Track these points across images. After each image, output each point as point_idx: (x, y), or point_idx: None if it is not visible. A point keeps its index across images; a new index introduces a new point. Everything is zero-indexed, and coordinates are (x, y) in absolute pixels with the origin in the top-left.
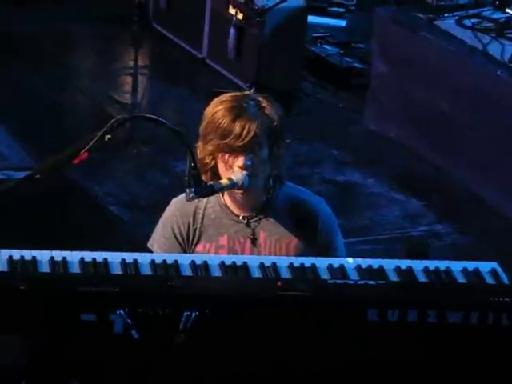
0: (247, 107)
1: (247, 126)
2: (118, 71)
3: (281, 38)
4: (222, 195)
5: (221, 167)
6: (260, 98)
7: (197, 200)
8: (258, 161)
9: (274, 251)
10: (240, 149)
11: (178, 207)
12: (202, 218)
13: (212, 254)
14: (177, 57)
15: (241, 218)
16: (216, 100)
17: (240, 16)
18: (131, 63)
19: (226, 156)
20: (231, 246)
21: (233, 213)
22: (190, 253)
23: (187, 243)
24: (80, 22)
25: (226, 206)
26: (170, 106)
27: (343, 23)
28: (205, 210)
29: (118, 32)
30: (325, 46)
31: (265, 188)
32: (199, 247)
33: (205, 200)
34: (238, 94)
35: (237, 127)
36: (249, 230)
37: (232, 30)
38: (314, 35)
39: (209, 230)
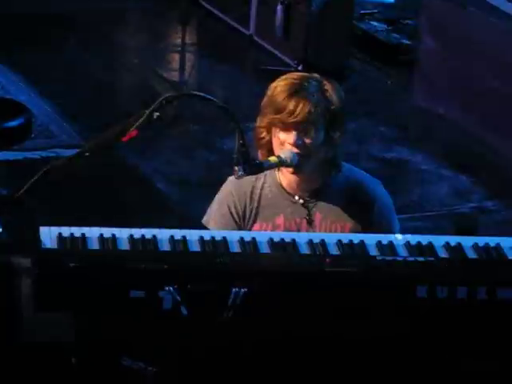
0: (307, 86)
1: (301, 104)
2: (166, 49)
3: (328, 14)
4: (278, 175)
5: (274, 142)
6: (324, 81)
7: (254, 179)
8: (311, 141)
9: (329, 232)
10: (292, 125)
11: (234, 186)
12: (259, 198)
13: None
14: (224, 34)
15: (297, 198)
16: (282, 76)
17: None
18: (179, 41)
19: (279, 131)
20: (287, 226)
21: (289, 193)
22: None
23: (243, 222)
24: (128, 1)
25: (282, 186)
26: (217, 84)
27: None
28: (262, 189)
29: (166, 10)
30: (373, 23)
31: (320, 171)
32: (256, 227)
33: (262, 179)
34: (305, 73)
35: (291, 103)
36: (305, 211)
37: (279, 7)
38: (362, 12)
39: (265, 210)
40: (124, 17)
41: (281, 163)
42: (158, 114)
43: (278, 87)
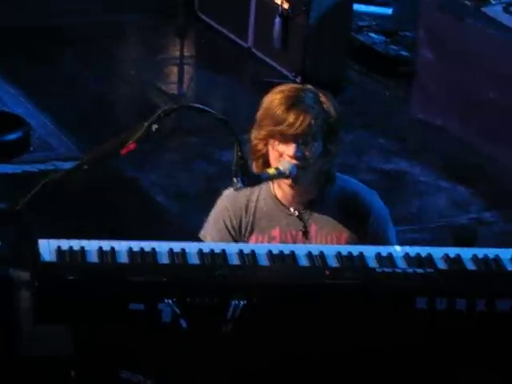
0: (305, 98)
1: (302, 116)
2: (164, 62)
3: (326, 26)
4: (273, 188)
5: (272, 155)
6: (320, 93)
7: (248, 192)
8: (310, 153)
9: (325, 244)
10: (292, 137)
11: (229, 201)
12: (255, 211)
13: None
14: (222, 46)
15: (292, 210)
16: (276, 89)
17: (286, 5)
18: (177, 53)
19: (278, 143)
20: (283, 238)
21: (284, 205)
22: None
23: (239, 235)
24: (126, 13)
25: (277, 198)
26: (215, 96)
27: (389, 11)
28: (257, 202)
29: (164, 22)
30: (371, 35)
31: (315, 183)
32: (252, 239)
33: (256, 192)
34: (298, 85)
35: (291, 115)
36: (300, 223)
37: (278, 20)
38: (360, 24)
39: (261, 223)
40: (122, 30)
41: (279, 175)
42: (156, 126)
43: (276, 100)
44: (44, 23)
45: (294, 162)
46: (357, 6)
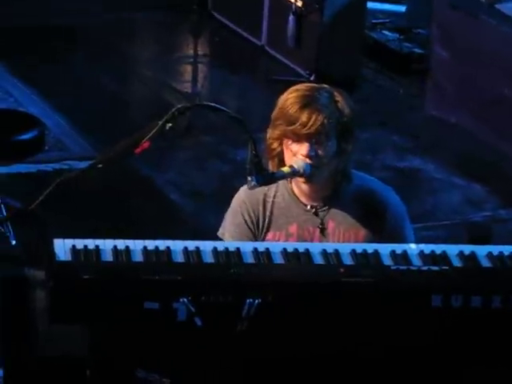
0: (319, 97)
1: (314, 115)
2: (178, 60)
3: (340, 24)
4: (290, 184)
5: (286, 154)
6: (335, 92)
7: (266, 188)
8: (324, 152)
9: (342, 241)
10: (305, 137)
11: (247, 195)
12: (272, 207)
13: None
14: (236, 45)
15: (309, 207)
16: (291, 88)
17: (299, 3)
18: (191, 52)
19: (291, 142)
20: (300, 234)
21: (301, 202)
22: (260, 241)
23: (257, 231)
24: (139, 12)
25: (295, 194)
26: (229, 94)
27: (403, 9)
28: (274, 198)
29: (178, 21)
30: (384, 32)
31: (331, 181)
32: (269, 236)
33: (274, 188)
34: (314, 84)
35: (304, 115)
36: (317, 220)
37: (291, 18)
38: (374, 21)
39: (278, 219)
40: (135, 28)
41: (293, 173)
42: (170, 125)
43: (290, 99)
44: (56, 23)
45: (308, 161)
46: (370, 4)
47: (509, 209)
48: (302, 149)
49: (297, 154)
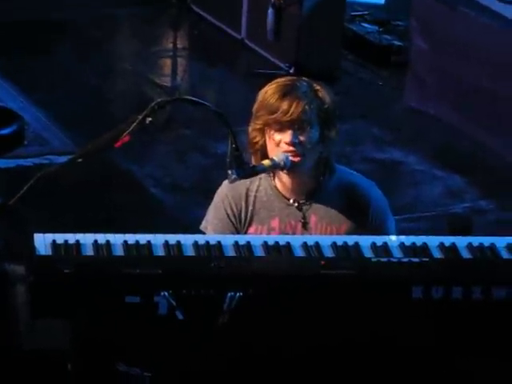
0: (299, 86)
1: (295, 103)
2: (158, 54)
3: (319, 17)
4: (273, 178)
5: (269, 144)
6: (314, 83)
7: (248, 182)
8: (307, 139)
9: (324, 235)
10: (287, 124)
11: (229, 189)
12: (254, 201)
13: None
14: (215, 38)
15: (291, 201)
16: (270, 82)
17: None
18: (170, 46)
19: (274, 132)
20: (282, 228)
21: (284, 196)
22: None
23: (239, 224)
24: (118, 6)
25: (277, 189)
26: (209, 88)
27: (382, 1)
28: (257, 192)
29: (157, 15)
30: (363, 24)
31: (314, 172)
32: (251, 229)
33: (256, 183)
34: (293, 77)
35: (285, 103)
36: (300, 214)
37: (270, 11)
38: (353, 14)
39: (261, 213)
40: (114, 23)
41: (274, 166)
42: (150, 118)
43: (270, 90)
44: (33, 17)
45: (292, 148)
46: None
47: (488, 200)
48: (285, 137)
49: (280, 144)
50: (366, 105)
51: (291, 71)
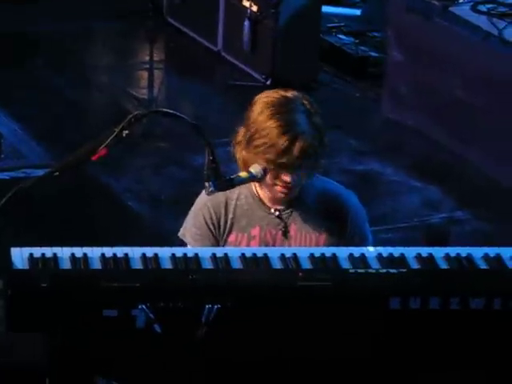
0: (298, 120)
1: (305, 148)
2: (134, 67)
3: (295, 29)
4: (255, 187)
5: (270, 176)
6: (308, 105)
7: (228, 191)
8: (305, 176)
9: (304, 244)
10: (295, 167)
11: (209, 197)
12: (235, 209)
13: (243, 245)
14: (192, 50)
15: (272, 210)
16: (263, 102)
17: (254, 8)
18: (147, 58)
19: (275, 167)
20: (263, 237)
21: (265, 205)
22: (222, 243)
23: (219, 233)
24: (94, 19)
25: (259, 197)
26: (186, 100)
27: (358, 12)
28: (237, 200)
29: (133, 28)
30: (340, 36)
31: None
32: (231, 237)
33: (237, 191)
34: (282, 92)
35: (296, 148)
36: (281, 223)
37: (247, 23)
38: (329, 25)
39: (241, 221)
40: (91, 35)
41: (251, 179)
42: (127, 131)
43: (272, 125)
44: (10, 29)
45: (290, 186)
46: (325, 8)
47: (465, 210)
48: (287, 178)
49: (278, 178)
50: (343, 116)
51: (268, 83)
